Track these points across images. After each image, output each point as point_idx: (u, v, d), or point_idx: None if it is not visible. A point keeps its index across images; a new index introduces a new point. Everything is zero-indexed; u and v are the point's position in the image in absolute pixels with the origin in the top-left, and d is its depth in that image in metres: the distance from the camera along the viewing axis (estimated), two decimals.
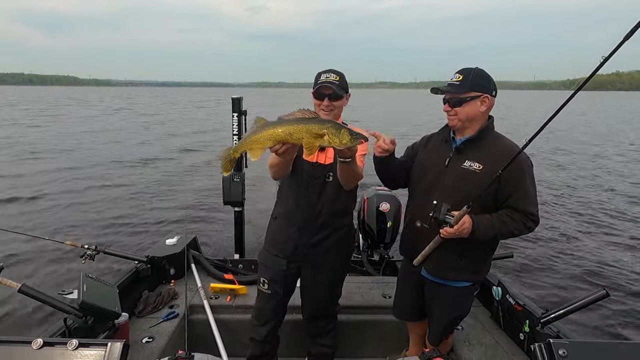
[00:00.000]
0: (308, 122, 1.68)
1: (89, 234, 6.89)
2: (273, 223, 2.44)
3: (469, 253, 2.15)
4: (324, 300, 2.53)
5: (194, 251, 3.72)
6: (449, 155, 2.17)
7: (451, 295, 2.27)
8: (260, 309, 2.50)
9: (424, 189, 2.23)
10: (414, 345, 2.79)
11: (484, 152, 2.09)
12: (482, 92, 2.06)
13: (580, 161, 15.56)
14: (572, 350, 1.21)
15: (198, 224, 7.51)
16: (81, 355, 1.19)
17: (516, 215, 2.03)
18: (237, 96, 3.59)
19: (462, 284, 2.24)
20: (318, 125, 1.67)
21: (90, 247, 3.11)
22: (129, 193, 9.74)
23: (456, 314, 2.35)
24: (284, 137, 1.68)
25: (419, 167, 2.31)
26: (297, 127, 1.67)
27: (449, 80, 2.12)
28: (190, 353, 1.72)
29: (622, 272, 5.95)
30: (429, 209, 2.10)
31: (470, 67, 2.10)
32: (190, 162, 13.92)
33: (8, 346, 1.22)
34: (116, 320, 2.45)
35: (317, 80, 2.23)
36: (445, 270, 2.21)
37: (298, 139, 1.68)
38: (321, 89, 2.19)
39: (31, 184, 10.39)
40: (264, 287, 2.44)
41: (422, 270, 2.30)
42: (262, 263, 2.46)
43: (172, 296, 3.19)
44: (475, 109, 2.07)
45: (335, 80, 2.20)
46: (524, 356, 2.55)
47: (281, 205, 2.40)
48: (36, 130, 22.32)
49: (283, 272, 2.38)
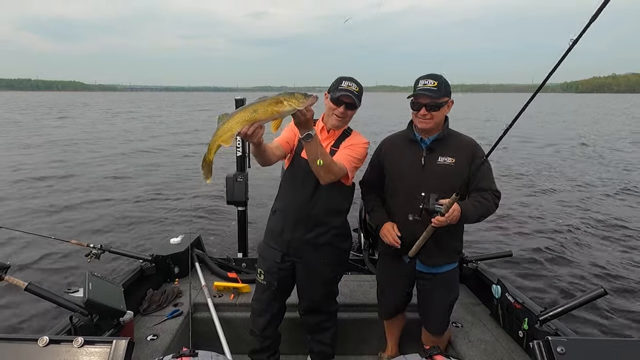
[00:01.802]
0: (264, 98, 1.79)
1: (94, 233, 6.94)
2: (272, 216, 2.51)
3: (452, 236, 2.35)
4: (317, 297, 2.55)
5: (198, 250, 3.75)
6: (422, 154, 2.31)
7: (446, 281, 2.44)
8: (257, 300, 2.59)
9: (408, 186, 2.32)
10: (395, 345, 2.91)
11: (450, 146, 2.29)
12: (449, 97, 2.25)
13: (581, 160, 15.57)
14: (570, 347, 1.22)
15: (202, 224, 7.55)
16: (87, 352, 1.19)
17: (486, 194, 2.24)
18: (240, 97, 3.62)
19: (452, 266, 2.43)
20: (274, 97, 1.78)
21: (96, 246, 3.14)
22: (134, 193, 9.81)
23: (452, 297, 2.50)
24: (250, 115, 1.76)
25: (395, 167, 2.41)
26: (258, 104, 1.76)
27: (422, 86, 2.20)
28: (194, 350, 1.70)
29: (620, 270, 5.97)
30: (417, 203, 2.21)
31: (437, 74, 2.23)
32: (194, 162, 13.99)
33: (15, 344, 1.22)
34: (121, 318, 2.46)
35: (338, 85, 2.24)
36: (438, 257, 2.36)
37: (263, 113, 1.76)
38: (342, 97, 2.22)
39: (37, 183, 10.47)
40: (260, 278, 2.52)
41: (418, 264, 2.41)
42: (261, 255, 2.55)
43: (176, 294, 3.22)
44: (444, 112, 2.27)
45: (356, 90, 2.24)
46: (523, 353, 2.57)
47: (279, 200, 2.47)
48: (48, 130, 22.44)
49: (277, 265, 2.44)
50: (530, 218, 8.35)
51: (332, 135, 2.35)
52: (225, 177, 3.72)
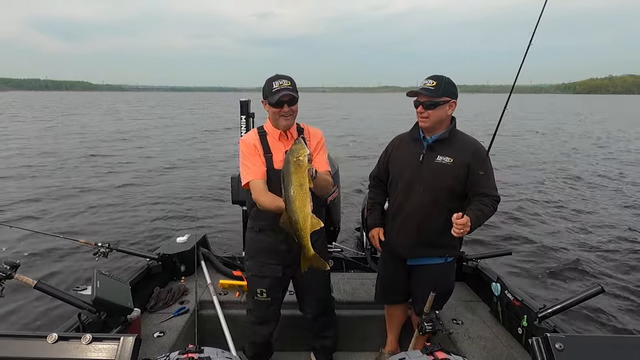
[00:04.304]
0: (289, 172, 1.96)
1: (102, 233, 7.01)
2: (258, 235, 2.41)
3: (432, 232, 2.42)
4: (326, 297, 2.63)
5: (203, 249, 3.80)
6: (422, 152, 2.39)
7: (432, 271, 2.50)
8: (261, 316, 2.54)
9: (405, 179, 2.43)
10: (395, 339, 2.95)
11: (452, 147, 2.34)
12: (451, 97, 2.30)
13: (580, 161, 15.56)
14: (568, 344, 1.23)
15: (208, 223, 7.60)
16: (95, 349, 1.21)
17: (486, 200, 2.28)
18: (245, 99, 3.66)
19: (439, 260, 2.51)
20: (293, 163, 1.95)
21: (104, 245, 3.18)
22: (142, 193, 9.91)
23: (438, 286, 2.52)
24: (305, 192, 1.97)
25: (396, 164, 2.53)
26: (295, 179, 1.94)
27: (422, 85, 2.29)
28: (200, 347, 1.73)
29: (618, 268, 6.00)
30: (412, 199, 2.37)
31: (440, 75, 2.30)
32: (199, 163, 14.09)
33: (25, 340, 1.24)
34: (128, 315, 2.50)
35: (271, 89, 2.21)
36: (418, 249, 2.48)
37: (304, 178, 1.96)
38: (282, 97, 2.18)
39: (47, 183, 10.57)
40: (263, 297, 2.46)
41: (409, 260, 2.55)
42: (257, 275, 2.45)
43: (182, 292, 3.26)
44: (444, 112, 2.31)
45: (288, 85, 2.22)
46: (522, 350, 2.60)
47: (263, 219, 2.36)
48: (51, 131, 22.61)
49: (279, 279, 2.44)
50: (530, 218, 8.38)
51: (291, 137, 2.32)
52: (230, 178, 3.77)
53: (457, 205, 2.33)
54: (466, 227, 2.14)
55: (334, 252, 4.03)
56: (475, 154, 2.31)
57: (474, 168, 2.26)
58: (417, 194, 2.37)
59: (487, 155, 2.29)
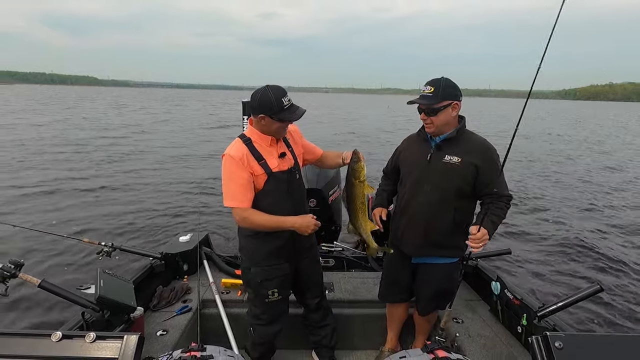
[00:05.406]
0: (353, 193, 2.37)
1: (105, 232, 7.03)
2: (259, 238, 2.37)
3: (440, 233, 2.45)
4: (322, 281, 2.76)
5: (206, 248, 3.81)
6: (430, 151, 2.39)
7: (435, 271, 2.55)
8: (273, 315, 2.54)
9: (413, 181, 2.45)
10: (395, 336, 2.98)
11: (460, 147, 2.33)
12: (452, 100, 2.26)
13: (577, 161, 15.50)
14: (567, 342, 1.23)
15: (210, 222, 7.60)
16: (98, 347, 1.21)
17: (500, 203, 2.32)
18: (247, 100, 3.67)
19: (443, 260, 2.53)
20: (355, 175, 2.32)
21: (107, 244, 3.21)
22: (144, 192, 9.91)
23: (440, 286, 2.61)
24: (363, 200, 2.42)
25: (406, 164, 2.55)
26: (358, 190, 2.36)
27: (421, 92, 2.30)
28: (203, 345, 1.75)
29: (616, 267, 6.00)
30: (420, 198, 2.40)
31: (438, 78, 2.28)
32: (202, 162, 14.10)
33: (29, 339, 1.25)
34: (132, 314, 2.51)
35: (282, 106, 2.15)
36: (423, 248, 2.51)
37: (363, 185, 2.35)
38: (294, 116, 2.19)
39: (51, 182, 10.59)
40: (275, 297, 2.45)
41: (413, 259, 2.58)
42: (265, 279, 2.41)
43: (185, 291, 3.28)
44: (448, 115, 2.28)
45: (291, 101, 2.22)
46: (521, 348, 2.62)
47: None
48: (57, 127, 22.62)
49: (287, 275, 2.49)
50: (530, 217, 8.38)
51: (280, 139, 2.36)
52: None
53: (465, 205, 2.38)
54: (484, 240, 2.19)
55: (335, 252, 4.06)
56: (484, 154, 2.30)
57: (483, 169, 2.27)
58: (425, 194, 2.38)
59: (498, 157, 2.32)
